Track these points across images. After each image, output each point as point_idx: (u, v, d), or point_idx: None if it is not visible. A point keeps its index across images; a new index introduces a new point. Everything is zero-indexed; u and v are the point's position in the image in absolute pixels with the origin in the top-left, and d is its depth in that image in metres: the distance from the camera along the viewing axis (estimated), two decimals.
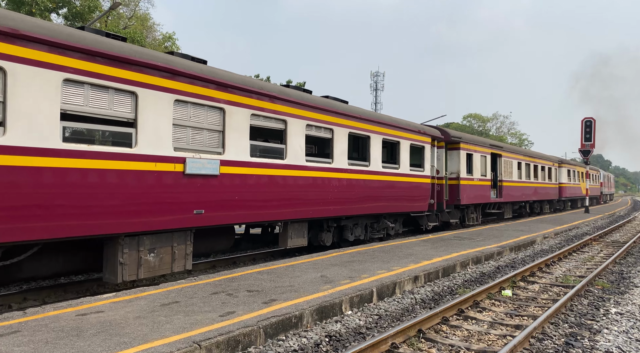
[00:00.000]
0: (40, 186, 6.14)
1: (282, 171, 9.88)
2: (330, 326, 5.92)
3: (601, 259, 12.07)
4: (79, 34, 6.66)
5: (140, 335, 4.80)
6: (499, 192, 20.93)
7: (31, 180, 6.06)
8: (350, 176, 11.82)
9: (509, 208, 23.15)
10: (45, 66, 6.23)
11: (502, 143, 23.17)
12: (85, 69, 6.64)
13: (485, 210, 20.65)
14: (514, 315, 6.80)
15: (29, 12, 21.25)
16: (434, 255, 10.39)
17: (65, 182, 6.40)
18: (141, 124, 7.31)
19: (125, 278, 7.28)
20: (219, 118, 8.56)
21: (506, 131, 78.37)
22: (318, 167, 10.87)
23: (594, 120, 30.06)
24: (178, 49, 32.81)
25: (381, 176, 12.93)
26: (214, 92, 8.43)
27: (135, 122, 7.29)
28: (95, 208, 6.71)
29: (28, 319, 5.32)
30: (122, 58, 7.04)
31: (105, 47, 6.88)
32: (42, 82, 6.16)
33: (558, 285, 8.81)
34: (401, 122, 14.15)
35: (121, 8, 30.89)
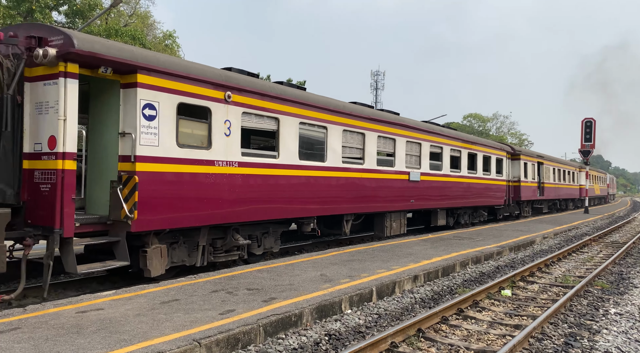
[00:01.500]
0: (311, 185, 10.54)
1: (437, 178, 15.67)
2: (329, 325, 5.93)
3: (601, 259, 12.08)
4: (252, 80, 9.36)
5: (140, 333, 4.81)
6: (542, 192, 26.50)
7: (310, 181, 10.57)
8: (466, 181, 17.56)
9: (546, 204, 29.21)
10: None
11: (543, 153, 28.38)
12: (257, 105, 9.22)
13: (533, 205, 26.65)
14: (513, 314, 6.81)
15: (30, 10, 21.24)
16: (433, 255, 10.40)
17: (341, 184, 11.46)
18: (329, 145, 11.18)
19: (388, 233, 13.53)
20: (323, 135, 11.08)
21: (506, 131, 78.36)
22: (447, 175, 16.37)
23: (594, 120, 30.08)
24: (178, 47, 32.81)
25: (482, 180, 18.95)
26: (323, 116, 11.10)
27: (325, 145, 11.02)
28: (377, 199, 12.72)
29: (28, 316, 5.32)
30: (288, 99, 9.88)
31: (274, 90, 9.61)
32: None
33: (557, 285, 8.82)
34: (494, 143, 21.29)
35: (122, 6, 30.87)
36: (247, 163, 8.94)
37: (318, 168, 10.69)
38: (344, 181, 11.48)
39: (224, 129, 8.50)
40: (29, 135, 6.75)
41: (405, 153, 13.92)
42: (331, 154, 11.08)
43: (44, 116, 6.66)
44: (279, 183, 9.61)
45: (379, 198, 12.77)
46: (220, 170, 8.36)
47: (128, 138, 7.12)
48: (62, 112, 6.48)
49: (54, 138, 6.54)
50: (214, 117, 8.29)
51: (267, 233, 9.90)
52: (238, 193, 8.67)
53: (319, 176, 10.72)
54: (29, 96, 6.73)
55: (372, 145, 12.46)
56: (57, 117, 6.47)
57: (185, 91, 7.81)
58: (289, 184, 9.86)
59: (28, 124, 6.74)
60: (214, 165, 8.27)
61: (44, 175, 6.63)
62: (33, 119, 6.75)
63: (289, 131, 9.86)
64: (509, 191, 21.85)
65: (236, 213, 8.63)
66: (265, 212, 9.29)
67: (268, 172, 9.38)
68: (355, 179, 11.85)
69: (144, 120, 7.21)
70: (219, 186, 8.34)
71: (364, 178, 12.17)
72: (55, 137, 6.52)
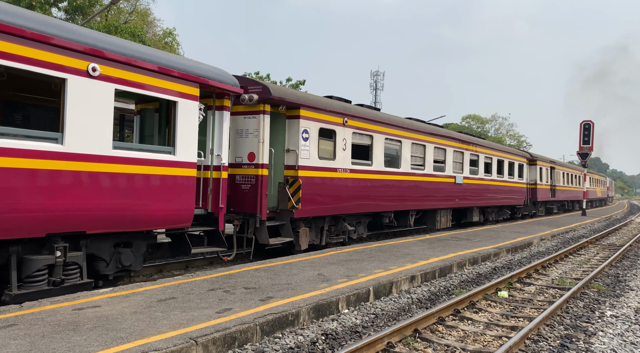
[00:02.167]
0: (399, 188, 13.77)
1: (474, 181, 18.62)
2: (326, 324, 5.94)
3: (597, 262, 12.11)
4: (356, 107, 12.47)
5: (137, 331, 4.81)
6: (554, 193, 29.47)
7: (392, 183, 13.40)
8: (495, 183, 20.71)
9: (557, 205, 32.53)
10: None
11: (555, 159, 31.29)
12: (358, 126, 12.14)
13: (546, 206, 30.04)
14: (510, 316, 6.83)
15: (29, 6, 21.17)
16: (430, 255, 10.41)
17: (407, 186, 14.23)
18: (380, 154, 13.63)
19: (438, 226, 16.21)
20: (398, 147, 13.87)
21: (505, 133, 78.47)
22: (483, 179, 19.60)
23: (593, 123, 30.12)
24: (178, 45, 32.76)
25: (507, 183, 22.08)
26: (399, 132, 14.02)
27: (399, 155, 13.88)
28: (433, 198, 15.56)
29: (25, 313, 5.32)
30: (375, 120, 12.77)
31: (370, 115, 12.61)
32: None
33: (554, 287, 8.84)
34: (516, 151, 24.69)
35: (122, 3, 30.79)
36: (355, 170, 11.99)
37: (396, 173, 13.64)
38: (412, 183, 14.49)
39: (342, 145, 11.62)
40: (231, 151, 9.70)
41: (452, 160, 16.94)
42: (404, 162, 14.03)
43: (244, 139, 9.86)
44: (372, 185, 12.63)
45: (433, 198, 15.72)
46: (340, 175, 11.50)
47: (292, 153, 10.30)
48: (262, 137, 9.64)
49: (253, 154, 9.72)
50: (337, 137, 11.47)
51: (360, 223, 12.88)
52: (348, 192, 11.73)
53: (396, 180, 13.68)
54: (224, 123, 8.77)
55: (430, 154, 15.45)
56: (257, 140, 9.66)
57: (323, 119, 10.98)
58: (377, 186, 12.85)
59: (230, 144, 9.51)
60: (336, 171, 11.40)
61: (244, 179, 9.83)
62: (234, 141, 9.87)
63: (378, 145, 12.86)
64: (527, 193, 24.96)
65: (346, 207, 11.70)
66: (363, 207, 12.29)
67: (365, 176, 12.37)
68: (418, 182, 14.84)
69: (302, 141, 10.37)
70: (338, 187, 11.42)
71: (424, 181, 15.18)
72: (255, 153, 9.69)
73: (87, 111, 6.36)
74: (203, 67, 8.18)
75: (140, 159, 7.05)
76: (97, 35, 6.68)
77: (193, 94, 7.83)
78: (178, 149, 7.58)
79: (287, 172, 10.31)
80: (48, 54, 5.92)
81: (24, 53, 5.73)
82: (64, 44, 6.08)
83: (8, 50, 5.59)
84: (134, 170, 6.97)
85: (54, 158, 6.03)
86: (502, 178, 21.44)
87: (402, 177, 13.90)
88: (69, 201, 6.19)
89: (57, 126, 6.32)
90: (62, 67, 6.07)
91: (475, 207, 19.35)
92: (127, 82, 6.86)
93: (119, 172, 6.78)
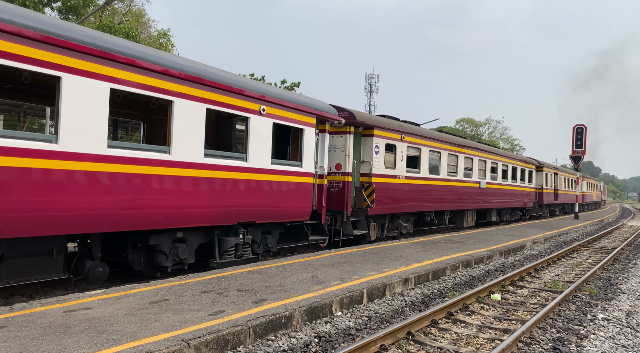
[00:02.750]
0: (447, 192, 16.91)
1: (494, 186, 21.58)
2: (320, 327, 5.92)
3: (589, 265, 12.18)
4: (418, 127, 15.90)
5: (129, 333, 4.77)
6: (557, 197, 32.64)
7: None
8: (511, 188, 23.72)
9: (559, 207, 35.54)
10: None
11: (558, 166, 35.21)
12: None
13: (550, 208, 33.16)
14: (502, 319, 6.85)
15: (23, 5, 21.04)
16: (424, 258, 10.43)
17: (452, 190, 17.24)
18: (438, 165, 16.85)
19: (465, 225, 19.10)
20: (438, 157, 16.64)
21: (498, 136, 78.86)
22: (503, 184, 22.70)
23: (585, 127, 30.35)
24: (173, 46, 32.65)
25: (520, 187, 25.21)
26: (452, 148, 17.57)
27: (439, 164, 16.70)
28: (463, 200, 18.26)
29: (15, 314, 5.26)
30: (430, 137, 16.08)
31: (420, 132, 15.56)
32: None
33: (547, 290, 8.88)
34: (527, 158, 27.70)
35: (116, 3, 30.68)
36: (408, 176, 14.70)
37: (436, 179, 16.35)
38: (448, 188, 17.13)
39: (400, 157, 14.34)
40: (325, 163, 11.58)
41: (477, 168, 19.76)
42: (442, 170, 16.73)
43: (332, 153, 12.42)
44: (420, 189, 15.32)
45: (463, 200, 18.42)
46: (398, 181, 14.20)
47: (367, 163, 13.09)
48: (348, 151, 12.50)
49: (339, 164, 12.50)
50: (397, 150, 14.21)
51: (408, 220, 15.49)
52: (403, 195, 14.46)
53: (437, 185, 16.40)
54: (322, 140, 11.39)
55: (461, 163, 18.19)
56: (344, 154, 12.49)
57: (388, 137, 13.78)
58: (424, 190, 15.56)
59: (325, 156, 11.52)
60: (396, 178, 14.08)
61: (332, 184, 12.45)
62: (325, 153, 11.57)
63: (424, 156, 15.63)
64: (535, 196, 28.21)
65: (401, 207, 14.42)
66: (412, 207, 15.03)
67: (415, 182, 15.07)
68: (452, 187, 17.45)
69: (374, 154, 13.18)
70: (397, 191, 14.16)
71: (457, 186, 17.80)
72: (341, 164, 12.48)
73: (258, 138, 9.26)
74: (317, 103, 11.05)
75: (285, 171, 9.98)
76: (263, 86, 9.85)
77: (312, 123, 10.70)
78: (304, 163, 10.45)
79: (362, 178, 13.13)
80: (241, 102, 8.81)
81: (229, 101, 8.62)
82: (249, 94, 8.94)
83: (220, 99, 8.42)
84: (283, 178, 9.90)
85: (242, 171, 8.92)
86: (515, 183, 24.42)
87: (441, 182, 16.74)
88: (249, 199, 9.02)
89: (242, 148, 9.79)
90: (247, 109, 8.95)
91: (494, 208, 22.38)
92: (280, 118, 9.75)
93: (275, 180, 9.68)
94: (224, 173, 8.48)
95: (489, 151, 21.32)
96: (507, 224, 23.54)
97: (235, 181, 8.68)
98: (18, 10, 5.96)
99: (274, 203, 9.60)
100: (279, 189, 9.73)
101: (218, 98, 8.35)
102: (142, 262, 8.14)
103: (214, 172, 8.29)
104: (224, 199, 8.44)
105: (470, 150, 18.99)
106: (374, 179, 12.94)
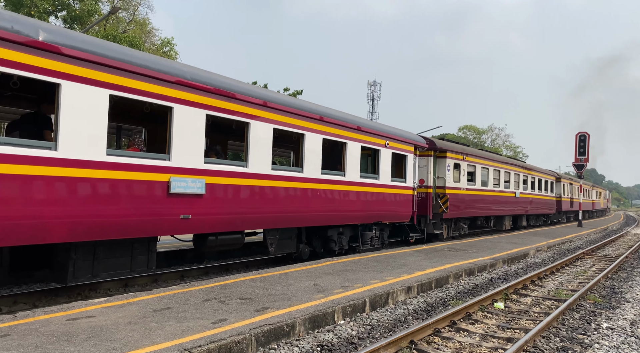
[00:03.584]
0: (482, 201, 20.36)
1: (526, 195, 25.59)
2: (322, 335, 5.91)
3: (593, 273, 12.12)
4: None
5: (132, 341, 4.77)
6: (572, 205, 36.71)
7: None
8: (537, 197, 27.63)
9: (573, 214, 39.46)
10: None
11: (573, 177, 39.20)
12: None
13: (566, 215, 37.17)
14: (506, 327, 6.82)
15: (28, 14, 21.25)
16: (427, 266, 10.40)
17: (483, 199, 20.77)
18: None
19: (504, 228, 23.43)
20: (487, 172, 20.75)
21: (501, 144, 78.81)
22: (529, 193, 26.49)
23: (588, 135, 30.32)
24: (176, 54, 32.87)
25: (544, 197, 29.25)
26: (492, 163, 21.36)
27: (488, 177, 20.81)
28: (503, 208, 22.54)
29: (18, 323, 5.27)
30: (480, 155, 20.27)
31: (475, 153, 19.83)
32: None
33: (550, 299, 8.83)
34: (549, 171, 31.84)
35: (120, 12, 30.95)
36: (468, 188, 18.52)
37: (486, 190, 20.28)
38: (493, 197, 21.09)
39: (463, 173, 18.13)
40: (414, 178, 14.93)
41: (513, 180, 23.67)
42: (490, 183, 20.61)
43: (418, 170, 15.32)
44: (475, 198, 19.10)
45: (504, 208, 22.42)
46: (461, 192, 17.90)
47: (442, 178, 16.73)
48: (429, 169, 16.46)
49: (422, 180, 16.17)
50: (461, 168, 17.96)
51: (465, 224, 19.29)
52: (465, 203, 18.21)
53: (486, 195, 20.32)
54: (415, 162, 14.91)
55: (502, 176, 22.12)
56: (426, 171, 16.33)
57: (455, 158, 17.59)
58: (477, 199, 19.34)
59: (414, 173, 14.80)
60: (460, 190, 17.73)
61: (417, 194, 15.33)
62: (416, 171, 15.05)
63: (478, 171, 19.52)
64: (556, 204, 32.33)
65: (462, 213, 18.19)
66: (469, 213, 18.81)
67: (472, 193, 18.81)
68: (496, 196, 21.41)
69: (447, 171, 16.87)
70: (461, 200, 17.77)
71: (499, 196, 21.80)
72: (424, 179, 16.24)
73: (385, 164, 13.24)
74: (414, 136, 15.26)
75: (398, 185, 13.91)
76: (387, 128, 13.70)
77: (412, 150, 14.67)
78: (407, 179, 14.30)
79: (438, 190, 16.66)
80: (377, 140, 12.88)
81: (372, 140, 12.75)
82: (381, 134, 13.10)
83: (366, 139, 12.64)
84: (397, 191, 13.90)
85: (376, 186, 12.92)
86: (541, 192, 28.59)
87: (489, 193, 20.61)
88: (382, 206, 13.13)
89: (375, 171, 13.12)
90: (378, 144, 12.95)
91: (524, 215, 26.40)
92: (396, 149, 13.72)
93: (393, 192, 13.72)
94: (369, 188, 12.55)
95: (521, 165, 25.72)
96: (530, 228, 27.42)
97: (374, 194, 12.73)
98: None
99: (393, 208, 13.70)
100: (395, 200, 13.74)
101: (367, 139, 12.46)
102: (320, 246, 11.84)
103: (365, 188, 12.37)
104: (368, 207, 12.50)
105: (508, 165, 23.16)
106: (447, 191, 16.72)
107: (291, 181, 9.92)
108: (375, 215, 12.82)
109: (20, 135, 6.67)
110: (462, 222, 18.80)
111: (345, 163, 11.53)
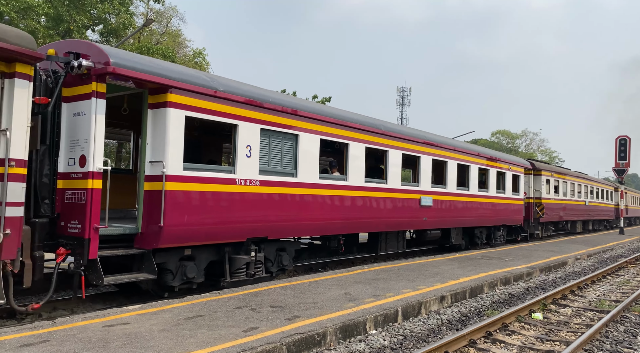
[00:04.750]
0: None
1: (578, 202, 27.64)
2: (354, 345, 5.83)
3: (638, 283, 11.58)
4: None
5: (165, 349, 4.82)
6: (627, 211, 39.60)
7: None
8: (594, 204, 30.42)
9: (627, 220, 41.59)
10: None
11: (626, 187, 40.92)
12: None
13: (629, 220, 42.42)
14: (545, 339, 6.56)
15: (67, 29, 22.12)
16: (461, 275, 10.16)
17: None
18: None
19: (576, 231, 28.11)
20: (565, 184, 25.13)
21: (536, 149, 76.75)
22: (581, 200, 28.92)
23: (629, 138, 29.19)
24: (208, 64, 33.54)
25: (606, 204, 33.56)
26: None
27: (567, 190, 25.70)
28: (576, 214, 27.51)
29: (57, 329, 5.42)
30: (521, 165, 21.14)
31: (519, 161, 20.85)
32: None
33: (592, 310, 8.47)
34: (607, 182, 37.06)
35: (154, 25, 31.85)
36: (555, 198, 22.57)
37: (564, 199, 24.38)
38: (570, 205, 25.31)
39: (552, 186, 22.20)
40: None
41: (583, 191, 27.73)
42: (568, 193, 24.74)
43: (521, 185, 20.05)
44: (559, 206, 23.27)
45: (577, 214, 26.75)
46: (551, 201, 22.11)
47: (538, 191, 21.11)
48: (530, 184, 21.58)
49: (525, 192, 20.77)
50: (550, 182, 22.12)
51: (553, 226, 23.94)
52: (553, 210, 22.11)
53: (565, 203, 24.47)
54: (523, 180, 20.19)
55: (576, 188, 26.09)
56: (528, 186, 21.30)
57: (547, 174, 21.99)
58: (561, 207, 23.61)
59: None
60: (550, 200, 21.84)
61: None
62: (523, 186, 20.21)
63: (561, 185, 23.57)
64: (615, 211, 35.94)
65: (551, 218, 22.16)
66: (555, 218, 22.90)
67: (557, 202, 23.03)
68: (572, 205, 25.69)
69: (542, 185, 21.36)
70: (550, 208, 21.68)
71: (574, 204, 26.01)
72: (526, 192, 21.14)
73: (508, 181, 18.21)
74: (523, 161, 20.37)
75: (515, 198, 18.66)
76: (509, 156, 19.63)
77: (522, 171, 19.46)
78: (520, 193, 18.97)
79: (535, 200, 20.96)
80: (501, 165, 17.86)
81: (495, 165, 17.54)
82: (506, 161, 18.51)
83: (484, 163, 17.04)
84: (514, 202, 18.63)
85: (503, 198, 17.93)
86: (604, 201, 33.11)
87: (566, 201, 24.65)
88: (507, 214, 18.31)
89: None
90: (504, 168, 18.07)
91: (591, 220, 30.54)
92: (515, 171, 18.67)
93: (511, 203, 18.43)
94: (500, 200, 17.54)
95: (589, 178, 30.18)
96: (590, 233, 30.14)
97: (503, 204, 17.78)
98: None
99: (513, 215, 18.58)
100: (514, 208, 18.63)
101: (498, 165, 17.56)
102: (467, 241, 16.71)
103: (498, 200, 17.38)
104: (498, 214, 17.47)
105: (579, 179, 27.33)
106: (543, 201, 21.16)
107: (463, 197, 15.30)
108: (502, 220, 17.91)
109: None
110: (551, 225, 23.64)
111: (489, 183, 17.03)
